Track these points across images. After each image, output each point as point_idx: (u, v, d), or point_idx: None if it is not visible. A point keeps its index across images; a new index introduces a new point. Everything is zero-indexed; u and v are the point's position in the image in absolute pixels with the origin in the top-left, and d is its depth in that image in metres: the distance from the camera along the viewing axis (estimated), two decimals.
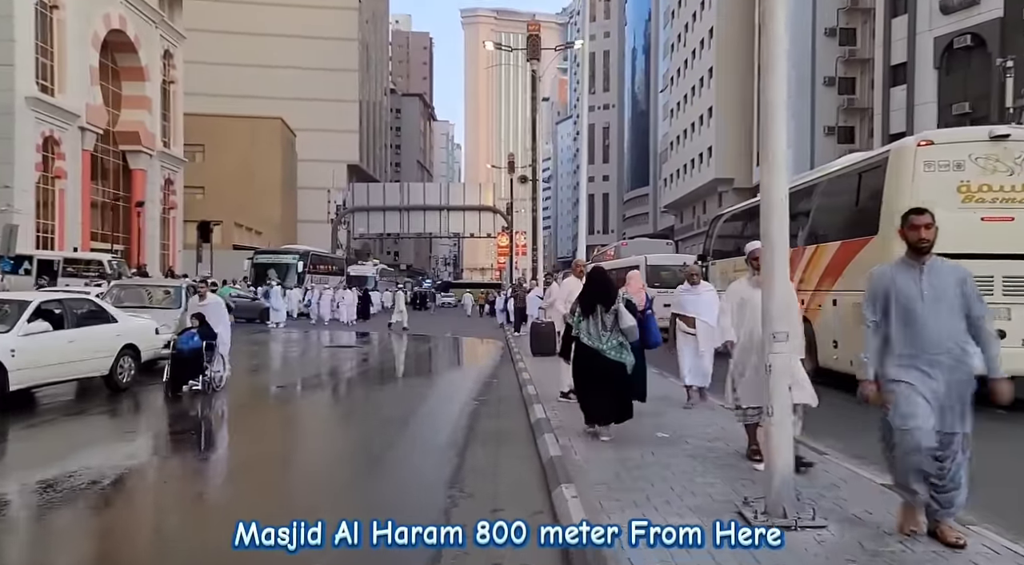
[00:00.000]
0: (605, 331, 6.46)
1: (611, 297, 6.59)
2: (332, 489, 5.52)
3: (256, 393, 11.14)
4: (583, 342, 6.52)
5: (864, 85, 42.82)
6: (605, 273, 7.02)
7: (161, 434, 7.82)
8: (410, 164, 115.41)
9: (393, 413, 9.08)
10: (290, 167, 65.51)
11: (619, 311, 6.50)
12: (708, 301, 8.30)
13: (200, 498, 5.43)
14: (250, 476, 6.00)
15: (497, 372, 13.19)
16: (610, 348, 6.41)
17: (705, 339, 8.28)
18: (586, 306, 6.61)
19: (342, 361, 15.64)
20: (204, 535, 4.48)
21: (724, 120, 53.84)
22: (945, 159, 8.39)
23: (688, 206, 64.44)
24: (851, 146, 41.95)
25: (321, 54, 68.90)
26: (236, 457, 6.90)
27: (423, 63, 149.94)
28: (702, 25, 57.27)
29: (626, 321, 6.47)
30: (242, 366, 13.01)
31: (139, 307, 12.90)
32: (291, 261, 36.67)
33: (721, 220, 16.38)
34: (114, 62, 37.02)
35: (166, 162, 41.23)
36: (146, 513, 5.20)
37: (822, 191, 11.05)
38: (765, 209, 4.23)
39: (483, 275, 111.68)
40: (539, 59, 27.57)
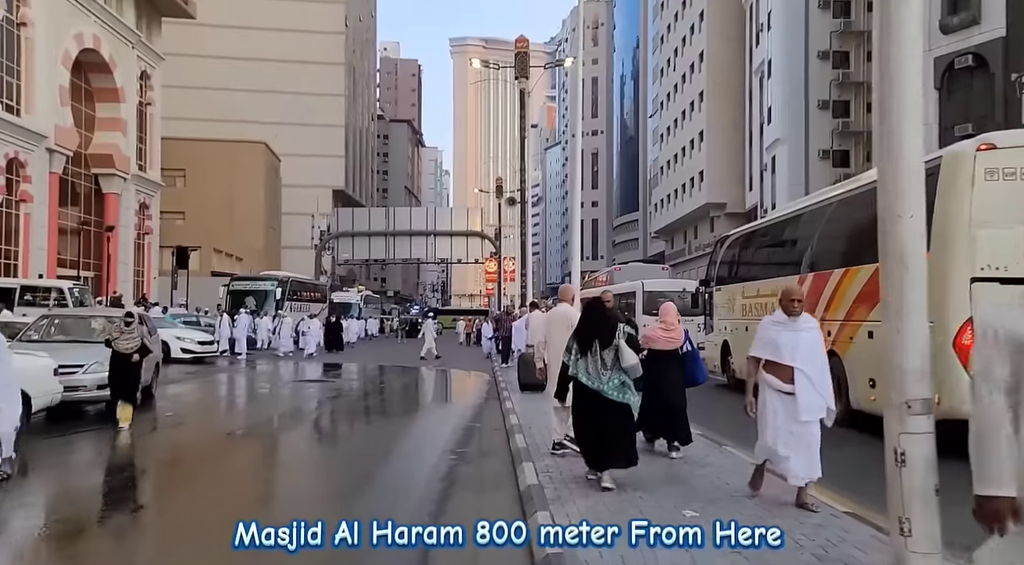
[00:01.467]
0: (605, 370, 5.87)
1: (611, 332, 5.94)
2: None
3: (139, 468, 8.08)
4: (582, 382, 5.95)
5: (859, 108, 42.21)
6: (604, 305, 6.34)
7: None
8: (397, 190, 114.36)
9: (340, 482, 7.10)
10: (274, 192, 64.11)
11: (620, 348, 5.87)
12: (811, 342, 5.37)
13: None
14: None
15: (481, 414, 11.69)
16: (611, 388, 5.82)
17: (808, 400, 5.25)
18: (583, 342, 6.00)
19: (296, 402, 13.90)
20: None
21: (715, 144, 53.14)
22: (1011, 166, 7.08)
23: (679, 231, 63.61)
24: (846, 170, 41.23)
25: (307, 78, 67.89)
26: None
27: (411, 90, 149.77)
28: (692, 49, 56.84)
29: (628, 359, 5.84)
30: (151, 418, 10.61)
31: (77, 341, 11.44)
32: (269, 287, 35.10)
33: (727, 242, 15.08)
34: (87, 82, 35.67)
35: (142, 186, 39.73)
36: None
37: (854, 206, 9.73)
38: (889, 210, 2.86)
39: (471, 302, 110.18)
40: (528, 77, 26.54)
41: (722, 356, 14.32)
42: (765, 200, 45.48)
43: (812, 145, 42.43)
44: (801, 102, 42.39)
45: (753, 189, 49.01)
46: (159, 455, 8.78)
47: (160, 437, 9.91)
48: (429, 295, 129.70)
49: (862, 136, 41.80)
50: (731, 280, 14.19)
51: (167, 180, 52.88)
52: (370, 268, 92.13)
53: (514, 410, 10.54)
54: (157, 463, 8.35)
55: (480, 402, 13.32)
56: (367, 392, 16.62)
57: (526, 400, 11.69)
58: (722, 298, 14.65)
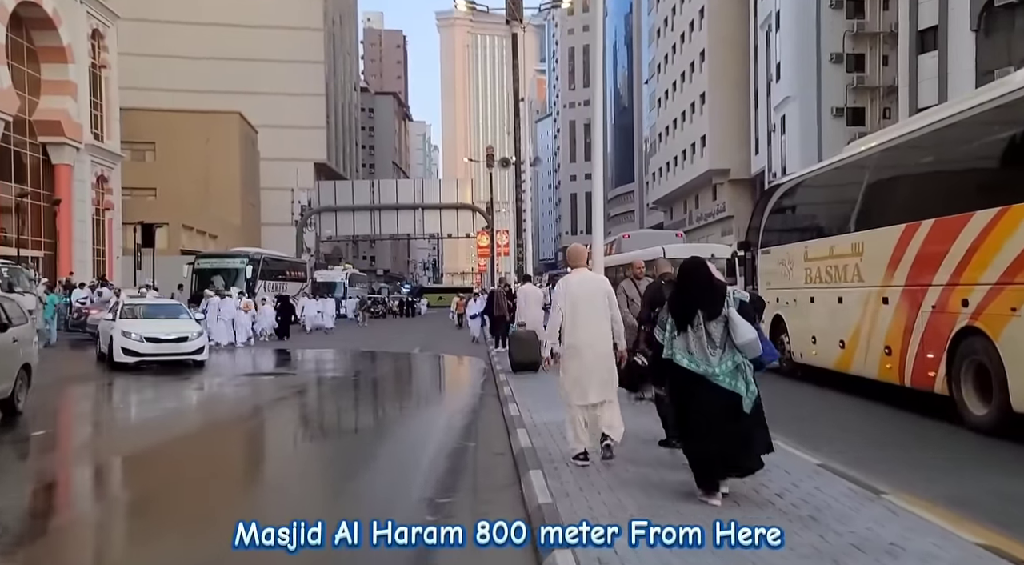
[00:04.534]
0: (714, 348, 4.73)
1: (719, 298, 4.78)
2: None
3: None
4: (683, 366, 4.77)
5: (875, 61, 39.35)
6: (705, 265, 5.03)
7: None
8: (384, 165, 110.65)
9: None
10: (251, 166, 60.62)
11: (731, 318, 4.73)
12: None
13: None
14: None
15: (476, 422, 8.76)
16: (724, 372, 4.69)
17: None
18: (682, 314, 4.83)
19: (214, 415, 10.76)
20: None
21: (718, 106, 50.15)
22: None
23: (679, 201, 60.87)
24: (861, 129, 38.66)
25: (283, 45, 64.09)
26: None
27: (397, 62, 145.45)
28: (691, 5, 53.61)
29: (743, 333, 4.69)
30: (10, 439, 8.00)
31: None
32: (239, 265, 32.01)
33: (779, 193, 12.00)
34: (30, 41, 32.16)
35: (98, 157, 36.31)
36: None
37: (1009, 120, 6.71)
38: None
39: (464, 280, 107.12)
40: (520, 20, 23.56)
41: (773, 334, 11.37)
42: (773, 164, 42.67)
43: (825, 102, 39.68)
44: (813, 56, 39.56)
45: (760, 153, 46.13)
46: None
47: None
48: (420, 273, 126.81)
49: (878, 91, 39.13)
50: (787, 239, 11.19)
51: (135, 154, 49.59)
52: (358, 246, 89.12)
53: (522, 420, 7.55)
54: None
55: (474, 404, 10.31)
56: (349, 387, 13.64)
57: (526, 389, 8.89)
58: (771, 263, 11.72)
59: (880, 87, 38.58)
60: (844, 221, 9.43)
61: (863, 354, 8.71)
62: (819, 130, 39.43)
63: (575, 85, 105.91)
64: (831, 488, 4.96)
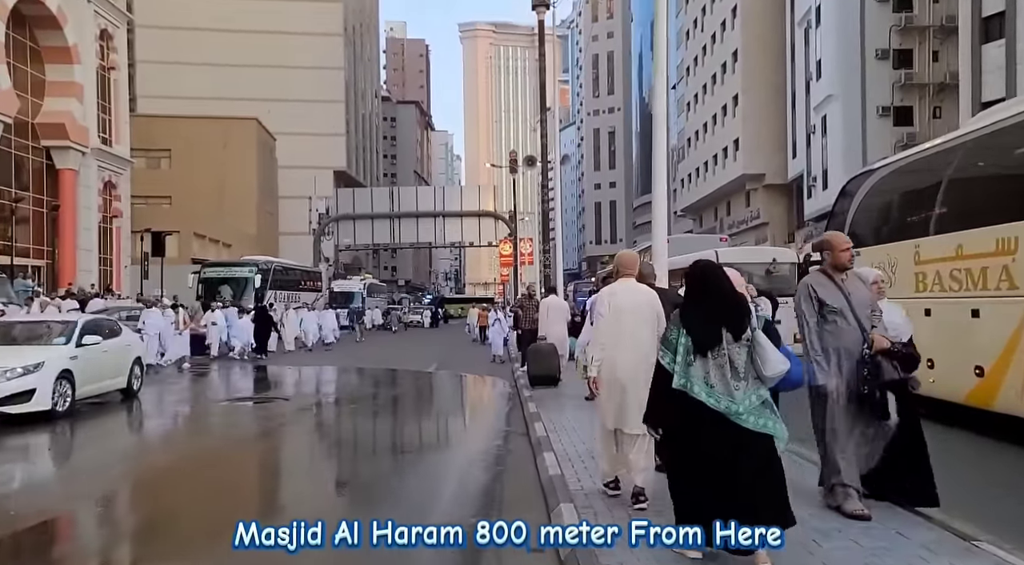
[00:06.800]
0: (738, 380, 3.67)
1: (742, 315, 3.77)
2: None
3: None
4: (699, 400, 3.67)
5: (924, 56, 36.99)
6: (721, 268, 3.97)
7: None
8: (406, 174, 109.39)
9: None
10: (269, 174, 59.27)
11: (758, 342, 3.72)
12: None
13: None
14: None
15: (500, 480, 6.50)
16: (748, 410, 3.65)
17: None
18: (704, 333, 3.72)
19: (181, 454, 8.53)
20: None
21: (753, 108, 47.85)
22: None
23: (709, 208, 58.55)
24: (909, 129, 36.37)
25: (303, 51, 62.90)
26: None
27: (419, 71, 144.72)
28: (723, 4, 51.47)
29: (774, 363, 3.70)
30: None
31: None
32: (248, 274, 30.24)
33: (871, 180, 9.73)
34: (34, 40, 30.84)
35: (106, 162, 34.89)
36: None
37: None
38: None
39: (486, 290, 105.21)
40: (547, 6, 21.71)
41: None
42: (813, 167, 40.36)
43: (870, 101, 37.35)
44: (856, 53, 37.31)
45: (797, 156, 43.76)
46: None
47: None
48: (442, 283, 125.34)
49: (927, 89, 36.82)
50: (888, 237, 8.96)
51: (150, 162, 48.38)
52: (380, 256, 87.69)
53: (563, 479, 5.42)
54: None
55: (497, 449, 7.90)
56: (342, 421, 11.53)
57: (560, 423, 6.96)
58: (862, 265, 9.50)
59: (930, 84, 36.29)
60: (985, 210, 7.18)
61: (1018, 385, 6.53)
62: (863, 130, 37.11)
63: (599, 92, 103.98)
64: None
